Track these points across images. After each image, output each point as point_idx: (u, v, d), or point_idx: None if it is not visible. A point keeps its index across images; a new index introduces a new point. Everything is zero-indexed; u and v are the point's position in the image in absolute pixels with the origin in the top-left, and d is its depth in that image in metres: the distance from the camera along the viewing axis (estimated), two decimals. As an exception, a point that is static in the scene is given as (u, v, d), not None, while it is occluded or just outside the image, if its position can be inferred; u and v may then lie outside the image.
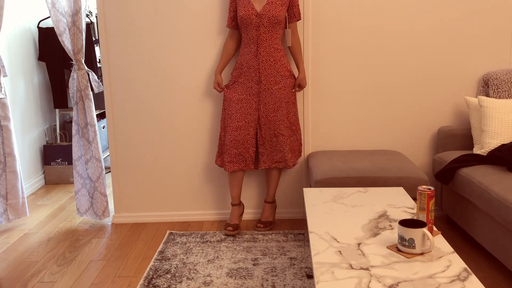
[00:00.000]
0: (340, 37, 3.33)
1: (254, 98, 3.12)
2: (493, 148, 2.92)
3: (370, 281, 1.63)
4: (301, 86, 3.23)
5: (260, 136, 3.16)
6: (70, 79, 3.40)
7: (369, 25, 3.31)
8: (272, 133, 3.15)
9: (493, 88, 3.21)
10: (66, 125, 4.80)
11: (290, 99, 3.20)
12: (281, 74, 3.12)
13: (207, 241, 3.15)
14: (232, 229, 3.21)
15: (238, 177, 3.24)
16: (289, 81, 3.17)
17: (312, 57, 3.35)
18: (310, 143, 3.46)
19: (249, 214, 3.52)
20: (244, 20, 3.06)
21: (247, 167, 3.18)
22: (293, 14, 3.14)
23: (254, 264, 2.81)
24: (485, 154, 2.93)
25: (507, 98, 3.16)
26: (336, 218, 2.20)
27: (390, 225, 2.10)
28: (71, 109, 4.64)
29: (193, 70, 3.38)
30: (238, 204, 3.30)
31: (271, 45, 3.08)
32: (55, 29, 3.29)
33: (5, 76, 3.40)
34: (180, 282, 2.63)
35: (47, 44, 4.40)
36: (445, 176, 2.98)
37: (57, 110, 4.63)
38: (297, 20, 3.18)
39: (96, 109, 4.64)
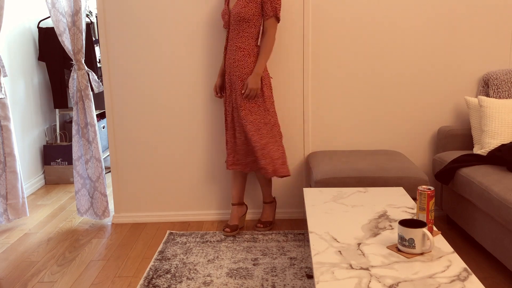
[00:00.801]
0: (340, 37, 3.33)
1: (229, 98, 3.14)
2: (493, 148, 2.92)
3: (370, 281, 1.63)
4: (247, 88, 2.96)
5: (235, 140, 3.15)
6: (70, 79, 3.40)
7: (369, 26, 3.31)
8: (243, 135, 3.07)
9: (493, 88, 3.21)
10: (66, 125, 4.80)
11: (249, 106, 3.01)
12: (237, 75, 3.03)
13: (207, 241, 3.15)
14: (229, 230, 3.21)
15: (238, 176, 3.25)
16: (244, 87, 3.02)
17: (312, 57, 3.35)
18: (310, 143, 3.46)
19: (249, 214, 3.52)
20: (222, 18, 3.12)
21: (245, 169, 3.16)
22: (264, 11, 3.00)
23: (254, 264, 2.81)
24: (485, 154, 2.93)
25: (507, 98, 3.16)
26: (336, 218, 2.20)
27: (390, 225, 2.10)
28: (71, 109, 4.65)
29: (194, 70, 3.38)
30: (238, 204, 3.30)
31: (235, 44, 3.04)
32: (55, 29, 3.30)
33: (5, 76, 3.40)
34: (180, 282, 2.63)
35: (47, 44, 4.40)
36: (445, 176, 2.98)
37: (57, 110, 4.63)
38: (273, 18, 3.01)
39: (96, 109, 4.65)
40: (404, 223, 1.84)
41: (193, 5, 3.29)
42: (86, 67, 3.40)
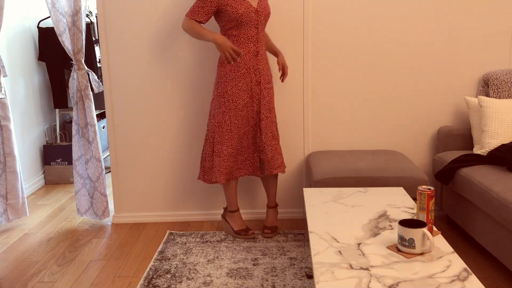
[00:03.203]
0: (340, 37, 3.33)
1: (255, 101, 3.01)
2: (493, 148, 2.92)
3: (370, 281, 1.63)
4: (285, 67, 3.11)
5: (261, 140, 3.04)
6: (70, 79, 3.40)
7: (369, 26, 3.31)
8: (271, 135, 3.06)
9: (493, 88, 3.21)
10: (66, 125, 4.80)
11: (273, 101, 3.12)
12: (270, 73, 3.09)
13: (207, 241, 3.15)
14: (253, 231, 3.18)
15: (235, 183, 3.17)
16: (272, 82, 3.13)
17: (312, 57, 3.35)
18: (310, 143, 3.46)
19: (248, 214, 3.52)
20: (244, 17, 2.88)
21: (254, 173, 3.11)
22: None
23: (254, 264, 2.81)
24: (485, 154, 2.93)
25: (507, 98, 3.16)
26: (336, 218, 2.20)
27: (390, 225, 2.10)
28: (71, 109, 4.65)
29: (194, 70, 3.38)
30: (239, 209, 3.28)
31: (263, 43, 3.03)
32: (55, 29, 3.30)
33: (5, 76, 3.40)
34: (180, 282, 2.63)
35: (47, 44, 4.40)
36: (445, 176, 2.98)
37: (57, 110, 4.63)
38: None
39: (96, 109, 4.65)
40: (404, 223, 1.84)
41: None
42: (86, 67, 3.40)
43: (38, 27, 4.43)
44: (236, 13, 2.87)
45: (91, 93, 3.41)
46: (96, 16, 4.40)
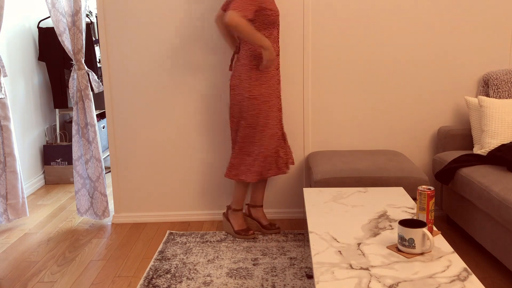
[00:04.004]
0: (340, 38, 3.33)
1: (278, 99, 3.07)
2: (493, 148, 2.92)
3: (370, 281, 1.63)
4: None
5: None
6: (70, 79, 3.40)
7: (369, 26, 3.32)
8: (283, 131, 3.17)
9: (493, 88, 3.21)
10: (66, 125, 4.80)
11: None
12: None
13: (207, 241, 3.15)
14: (253, 231, 3.19)
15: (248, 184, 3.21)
16: None
17: (312, 57, 3.35)
18: (310, 143, 3.46)
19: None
20: (275, 18, 2.91)
21: (281, 171, 3.15)
22: None
23: (254, 264, 2.81)
24: (485, 154, 2.93)
25: (507, 98, 3.16)
26: (336, 218, 2.20)
27: (390, 225, 2.10)
28: (71, 109, 4.65)
29: (194, 70, 3.38)
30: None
31: None
32: (55, 29, 3.30)
33: (5, 76, 3.40)
34: (180, 282, 2.63)
35: (47, 44, 4.40)
36: (445, 176, 2.98)
37: (57, 110, 4.63)
38: None
39: (96, 109, 4.65)
40: (404, 223, 1.84)
41: (194, 5, 3.29)
42: (86, 67, 3.40)
43: (38, 27, 4.43)
44: (274, 15, 2.89)
45: (91, 93, 3.41)
46: (96, 16, 4.40)
